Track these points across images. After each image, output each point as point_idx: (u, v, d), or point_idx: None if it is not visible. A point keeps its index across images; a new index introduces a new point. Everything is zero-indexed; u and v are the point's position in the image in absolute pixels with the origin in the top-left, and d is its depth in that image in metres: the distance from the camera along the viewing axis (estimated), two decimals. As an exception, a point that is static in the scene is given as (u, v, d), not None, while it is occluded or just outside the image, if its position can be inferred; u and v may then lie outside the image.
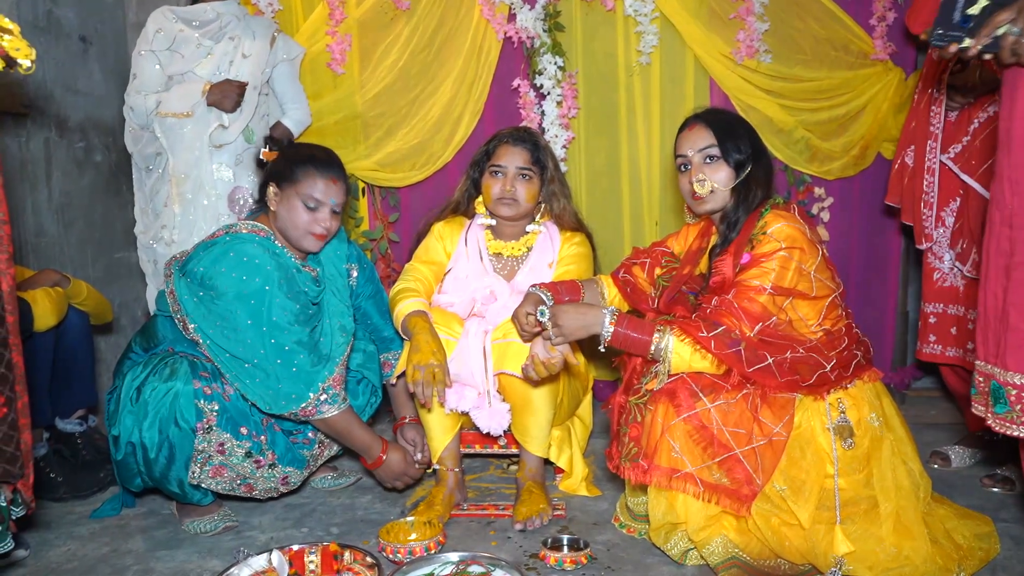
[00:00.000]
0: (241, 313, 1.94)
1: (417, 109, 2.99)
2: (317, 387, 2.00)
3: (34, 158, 2.77)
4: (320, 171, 2.06)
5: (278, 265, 2.00)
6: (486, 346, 2.11)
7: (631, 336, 1.84)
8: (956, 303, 2.39)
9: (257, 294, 1.95)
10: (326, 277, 2.19)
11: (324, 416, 2.03)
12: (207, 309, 1.98)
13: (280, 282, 1.98)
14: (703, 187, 1.97)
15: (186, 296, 2.00)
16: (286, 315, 1.97)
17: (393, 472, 2.19)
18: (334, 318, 2.15)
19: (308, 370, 1.99)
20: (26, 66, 1.38)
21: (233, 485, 2.08)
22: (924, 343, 2.46)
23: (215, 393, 2.01)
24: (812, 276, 1.84)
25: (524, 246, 2.36)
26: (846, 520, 1.77)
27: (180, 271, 2.04)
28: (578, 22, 2.95)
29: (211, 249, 2.00)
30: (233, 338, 1.97)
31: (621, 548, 1.98)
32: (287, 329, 1.97)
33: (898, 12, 2.85)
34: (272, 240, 2.08)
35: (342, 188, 2.10)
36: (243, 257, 1.97)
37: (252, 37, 2.70)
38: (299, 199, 2.05)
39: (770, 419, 1.78)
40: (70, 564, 1.97)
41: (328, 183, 2.06)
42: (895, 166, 2.53)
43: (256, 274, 1.95)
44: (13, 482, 1.49)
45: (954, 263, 2.37)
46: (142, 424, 1.98)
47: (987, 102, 2.25)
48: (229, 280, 1.95)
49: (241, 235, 2.04)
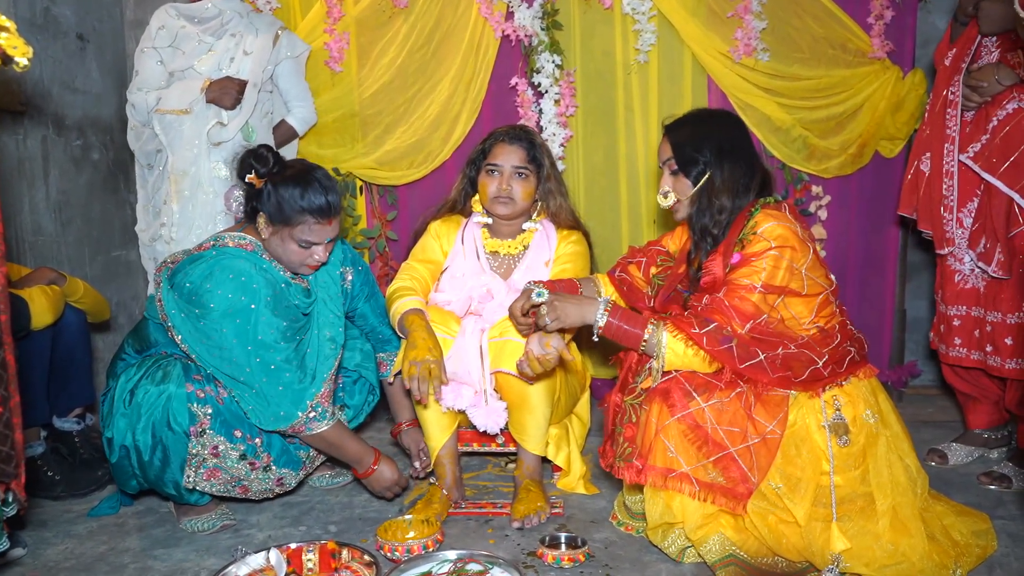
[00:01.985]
0: (227, 331, 1.92)
1: (415, 107, 2.99)
2: (305, 405, 1.98)
3: (31, 156, 2.76)
4: (316, 218, 1.97)
5: (266, 281, 1.97)
6: (483, 344, 2.11)
7: (623, 328, 1.84)
8: (977, 305, 2.37)
9: (243, 312, 1.92)
10: (318, 286, 2.15)
11: (314, 432, 2.02)
12: (194, 326, 1.95)
13: (267, 299, 1.95)
14: (665, 199, 2.00)
15: (174, 310, 1.97)
16: (272, 333, 1.95)
17: (383, 483, 2.17)
18: (323, 329, 2.11)
19: (296, 388, 1.98)
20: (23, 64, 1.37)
21: (228, 487, 2.08)
22: (950, 346, 2.43)
23: (208, 396, 2.00)
24: (803, 274, 1.84)
25: (521, 244, 2.36)
26: (842, 517, 1.78)
27: (168, 282, 2.00)
28: (576, 20, 2.95)
29: (197, 264, 1.96)
30: (219, 356, 1.95)
31: (619, 546, 1.98)
32: (273, 347, 1.95)
33: (895, 11, 2.85)
34: (260, 255, 2.02)
35: (337, 222, 2.03)
36: (229, 274, 1.93)
37: (255, 34, 2.68)
38: (293, 241, 1.99)
39: (764, 417, 1.78)
40: (68, 562, 1.97)
41: (324, 226, 1.99)
42: (908, 176, 2.51)
43: (242, 292, 1.92)
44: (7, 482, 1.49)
45: (976, 264, 2.36)
46: (135, 427, 1.98)
47: (1005, 99, 2.25)
48: (215, 297, 1.91)
49: (228, 250, 1.99)
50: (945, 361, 2.49)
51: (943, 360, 2.49)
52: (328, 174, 2.04)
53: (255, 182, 1.98)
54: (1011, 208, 2.23)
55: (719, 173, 1.92)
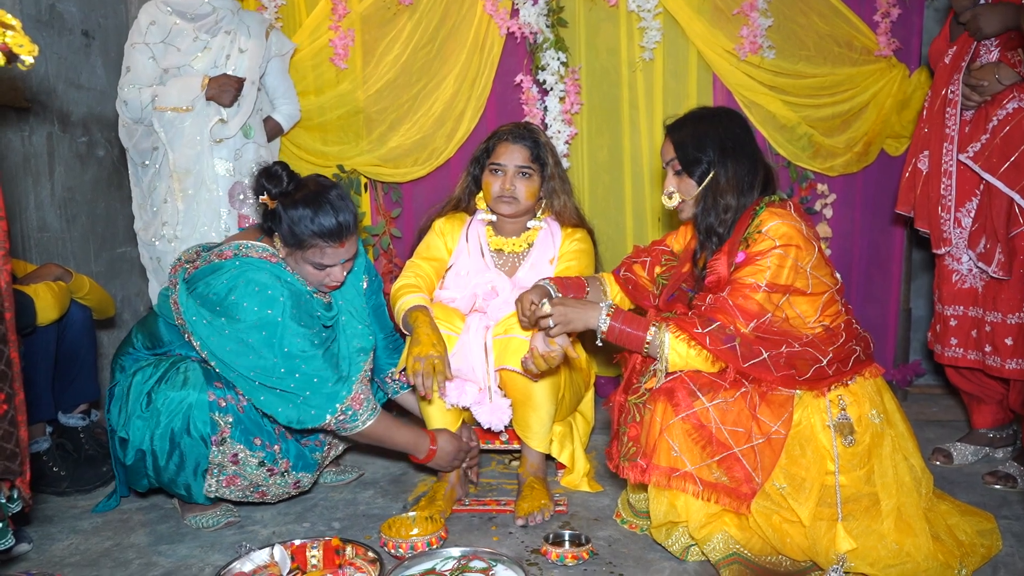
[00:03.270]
0: (254, 341, 1.91)
1: (419, 105, 2.99)
2: (335, 408, 1.98)
3: (37, 153, 2.77)
4: (328, 241, 1.94)
5: (290, 293, 1.96)
6: (487, 342, 2.11)
7: (626, 331, 1.84)
8: (975, 305, 2.37)
9: (270, 325, 1.91)
10: (343, 297, 2.15)
11: (355, 431, 2.02)
12: (218, 333, 1.93)
13: (292, 312, 1.94)
14: (670, 200, 1.99)
15: (194, 317, 1.95)
16: (299, 342, 1.94)
17: (450, 455, 2.15)
18: (352, 340, 2.12)
19: (327, 390, 1.97)
20: (28, 62, 1.38)
21: (247, 493, 2.08)
22: (945, 346, 2.43)
23: (230, 405, 2.00)
24: (808, 273, 1.83)
25: (525, 242, 2.36)
26: (847, 517, 1.77)
27: (187, 288, 1.98)
28: (581, 18, 2.94)
29: (220, 275, 1.94)
30: (245, 364, 1.94)
31: (622, 544, 1.98)
32: (299, 356, 1.94)
33: (902, 8, 2.84)
34: (283, 267, 2.01)
35: (353, 242, 2.01)
36: (254, 287, 1.92)
37: (247, 32, 2.68)
38: (307, 264, 1.99)
39: (769, 417, 1.78)
40: (73, 558, 1.97)
41: (337, 249, 1.96)
42: (905, 174, 2.49)
43: (268, 305, 1.92)
44: (12, 479, 1.50)
45: (975, 264, 2.35)
46: (154, 432, 1.98)
47: (1005, 98, 2.24)
48: (241, 310, 1.91)
49: (251, 261, 1.97)
50: (940, 361, 2.48)
51: (937, 360, 2.48)
52: (343, 193, 2.00)
53: (268, 203, 1.97)
54: (1011, 208, 2.23)
55: (723, 171, 1.92)
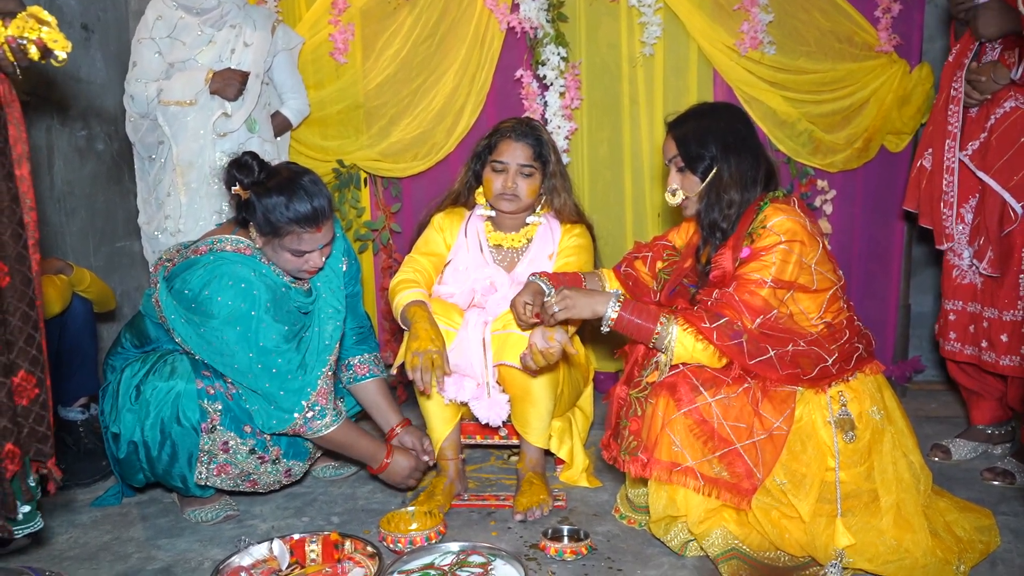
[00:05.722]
0: (229, 338, 1.92)
1: (419, 99, 2.98)
2: (302, 405, 1.99)
3: (36, 146, 2.76)
4: (304, 227, 1.93)
5: (266, 287, 1.95)
6: (486, 337, 2.11)
7: (635, 322, 1.83)
8: (974, 301, 2.38)
9: (244, 319, 1.91)
10: (320, 278, 2.13)
11: (321, 434, 2.03)
12: (195, 332, 1.94)
13: (267, 305, 1.93)
14: (673, 197, 1.99)
15: (173, 315, 1.96)
16: (274, 338, 1.94)
17: (400, 473, 2.17)
18: (324, 324, 2.09)
19: (295, 388, 1.98)
20: (62, 58, 1.38)
21: (237, 481, 2.09)
22: (945, 340, 2.46)
23: (218, 393, 2.01)
24: (813, 269, 1.83)
25: (524, 238, 2.36)
26: (847, 513, 1.78)
27: (167, 285, 1.97)
28: (581, 12, 2.93)
29: (194, 270, 1.93)
30: (222, 362, 1.96)
31: (621, 539, 1.99)
32: (275, 351, 1.94)
33: (903, 4, 2.83)
34: (259, 259, 2.00)
35: (329, 227, 1.99)
36: (228, 280, 1.91)
37: (253, 26, 2.68)
38: (285, 251, 1.97)
39: (771, 413, 1.78)
40: (72, 551, 1.98)
41: (314, 234, 1.95)
42: (913, 171, 2.52)
43: (242, 299, 1.91)
44: (44, 460, 1.52)
45: (972, 260, 2.36)
46: (144, 423, 1.98)
47: (1003, 98, 2.24)
48: (215, 305, 1.90)
49: (226, 255, 1.96)
50: (941, 354, 2.51)
51: (941, 353, 2.51)
52: (316, 179, 1.98)
53: (240, 193, 1.95)
54: (1004, 207, 2.24)
55: (726, 167, 1.92)
